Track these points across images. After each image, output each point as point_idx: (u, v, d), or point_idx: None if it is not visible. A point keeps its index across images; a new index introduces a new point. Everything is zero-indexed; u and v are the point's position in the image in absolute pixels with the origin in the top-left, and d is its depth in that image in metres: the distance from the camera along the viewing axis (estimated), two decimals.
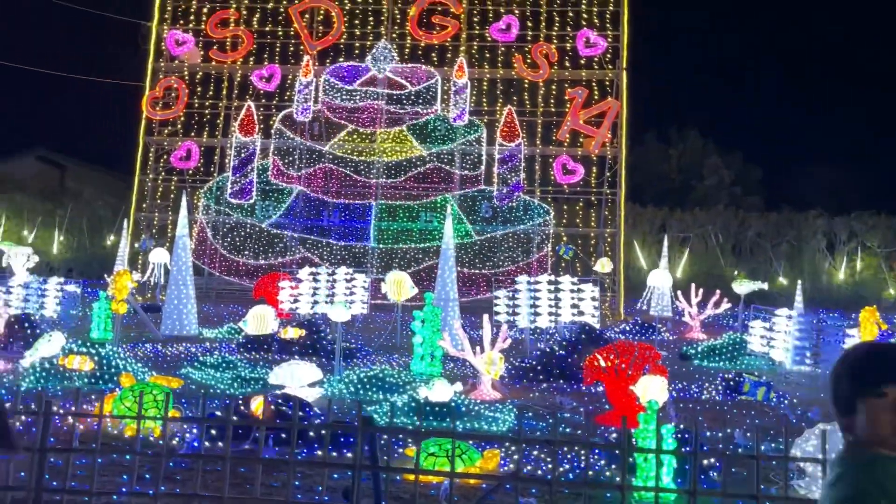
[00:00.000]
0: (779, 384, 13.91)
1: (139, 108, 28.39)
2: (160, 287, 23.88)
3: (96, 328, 16.36)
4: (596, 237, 27.30)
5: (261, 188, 26.93)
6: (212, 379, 12.63)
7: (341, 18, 28.17)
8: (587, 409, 11.60)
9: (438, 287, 16.90)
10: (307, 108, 27.04)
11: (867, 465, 2.29)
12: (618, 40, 27.25)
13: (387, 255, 25.49)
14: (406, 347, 16.35)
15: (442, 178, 26.75)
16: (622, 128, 26.73)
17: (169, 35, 28.38)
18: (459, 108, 26.45)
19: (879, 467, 2.26)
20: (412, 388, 11.91)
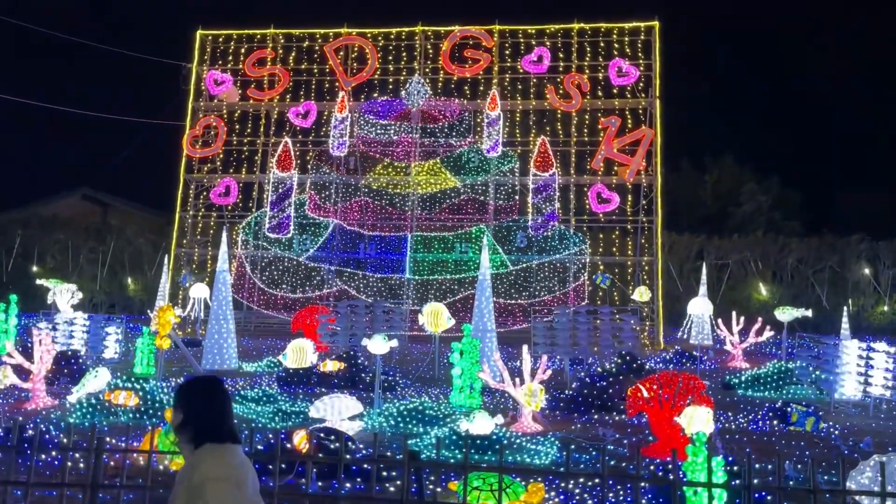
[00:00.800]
0: (828, 414, 13.54)
1: (180, 146, 29.15)
2: (200, 322, 24.23)
3: (139, 363, 16.62)
4: (633, 265, 27.05)
5: (298, 222, 27.31)
6: (253, 413, 12.71)
7: (375, 55, 28.71)
8: (631, 440, 11.40)
9: (476, 318, 16.87)
10: (343, 143, 27.49)
11: None
12: (650, 69, 27.28)
13: (423, 286, 25.56)
14: (445, 379, 16.30)
15: (476, 209, 26.85)
16: (657, 155, 26.61)
17: (208, 75, 29.20)
18: (493, 139, 26.63)
19: None
20: (452, 421, 11.84)
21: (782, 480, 9.10)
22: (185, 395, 3.62)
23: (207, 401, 3.60)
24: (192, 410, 3.54)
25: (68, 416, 11.91)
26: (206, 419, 3.53)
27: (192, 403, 3.57)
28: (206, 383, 3.73)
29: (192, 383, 3.73)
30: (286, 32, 29.64)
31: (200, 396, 3.61)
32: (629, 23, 27.58)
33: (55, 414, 12.27)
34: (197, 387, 3.69)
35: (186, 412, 3.53)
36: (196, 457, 3.43)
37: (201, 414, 3.53)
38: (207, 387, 3.69)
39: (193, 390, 3.66)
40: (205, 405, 3.58)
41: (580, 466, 10.07)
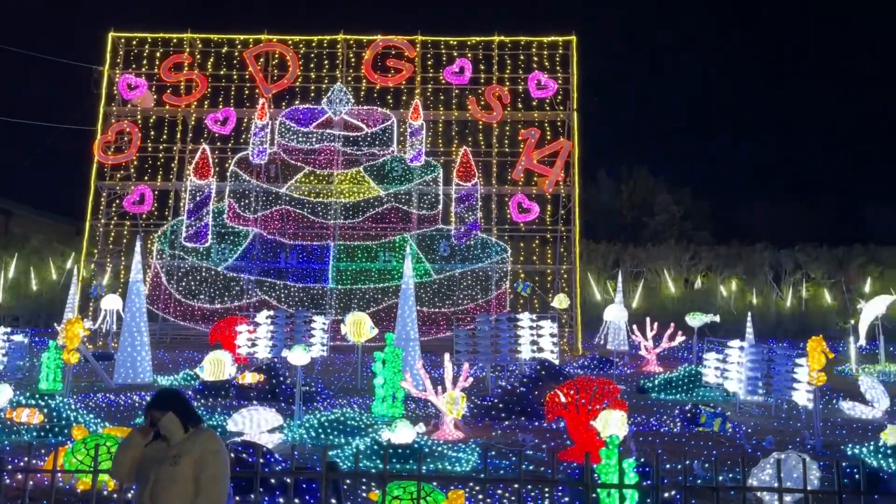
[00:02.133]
0: (734, 415, 14.22)
1: (90, 152, 28.02)
2: (112, 334, 23.31)
3: (45, 379, 15.87)
4: (552, 274, 27.69)
5: (216, 231, 26.68)
6: None
7: (296, 62, 28.42)
8: (549, 445, 11.66)
9: (399, 327, 16.91)
10: (263, 151, 27.06)
11: None
12: (568, 82, 28.07)
13: (346, 295, 25.40)
14: (367, 389, 16.24)
15: (400, 218, 26.92)
16: (575, 167, 27.38)
17: (121, 79, 28.21)
18: (416, 149, 26.80)
19: None
20: (374, 431, 11.82)
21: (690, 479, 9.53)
22: (168, 398, 4.63)
23: (184, 397, 4.74)
24: (178, 405, 4.56)
25: None
26: (191, 408, 4.64)
27: (176, 400, 4.59)
28: (169, 391, 4.77)
29: (168, 390, 4.87)
30: (204, 37, 28.97)
31: (179, 395, 4.70)
32: (548, 37, 28.32)
33: None
34: (173, 390, 4.81)
35: (174, 407, 4.52)
36: (194, 435, 4.45)
37: (187, 405, 4.62)
38: (173, 392, 4.76)
39: (173, 393, 4.73)
40: (185, 399, 4.68)
41: (500, 472, 10.24)
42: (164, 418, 4.46)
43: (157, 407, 4.55)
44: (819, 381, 12.08)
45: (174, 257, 26.47)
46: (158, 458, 4.41)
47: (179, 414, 4.52)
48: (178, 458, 4.34)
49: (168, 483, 4.31)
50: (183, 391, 4.97)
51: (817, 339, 12.30)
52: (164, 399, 4.64)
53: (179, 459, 4.34)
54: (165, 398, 4.65)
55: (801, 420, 13.82)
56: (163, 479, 4.32)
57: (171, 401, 4.60)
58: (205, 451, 4.40)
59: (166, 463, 4.36)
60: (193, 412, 4.65)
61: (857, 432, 13.20)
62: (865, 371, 20.12)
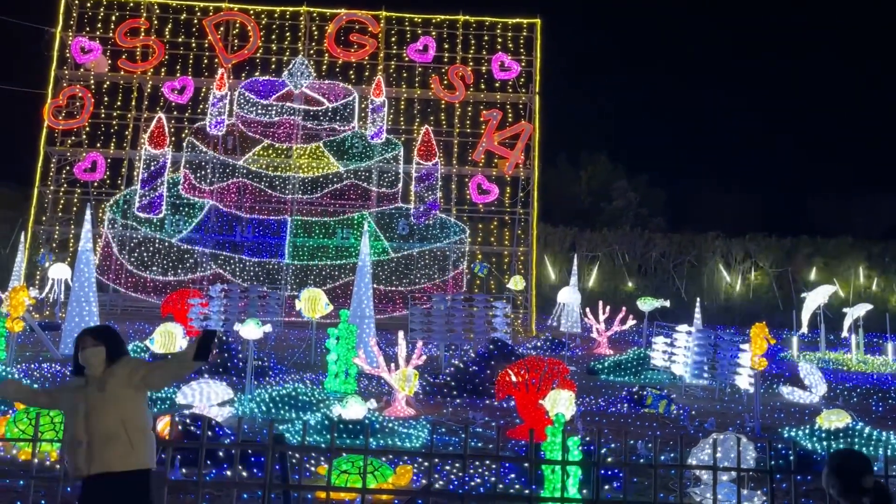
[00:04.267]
0: (679, 397, 14.62)
1: (40, 116, 27.14)
2: (60, 304, 22.79)
3: None
4: (509, 255, 27.92)
5: (171, 202, 26.19)
6: None
7: (258, 32, 27.89)
8: (499, 423, 11.85)
9: (354, 304, 16.91)
10: (221, 122, 26.57)
11: None
12: (531, 65, 28.14)
13: (302, 271, 25.23)
14: (321, 365, 16.23)
15: (359, 195, 26.78)
16: (535, 150, 27.56)
17: (74, 42, 27.33)
18: (377, 126, 26.62)
19: None
20: (326, 406, 11.85)
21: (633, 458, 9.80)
22: (105, 332, 4.81)
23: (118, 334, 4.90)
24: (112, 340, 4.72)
25: None
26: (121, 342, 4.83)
27: (111, 336, 4.74)
28: (113, 328, 5.00)
29: (101, 326, 5.17)
30: (162, 2, 28.20)
31: (115, 331, 4.86)
32: (513, 19, 28.30)
33: None
34: (110, 328, 4.98)
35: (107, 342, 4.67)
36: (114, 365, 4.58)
37: (119, 340, 4.81)
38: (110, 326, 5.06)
39: (111, 330, 4.89)
40: (118, 335, 4.87)
41: (450, 448, 10.38)
42: (89, 350, 4.54)
43: (93, 335, 4.64)
44: (760, 366, 12.49)
45: (126, 227, 25.93)
46: (81, 389, 4.51)
47: (110, 350, 4.61)
48: (103, 383, 4.45)
49: (99, 408, 4.41)
50: (117, 328, 5.00)
51: (760, 325, 12.70)
52: (101, 331, 4.76)
53: (105, 385, 4.45)
54: (103, 331, 4.78)
55: (743, 403, 14.29)
56: (95, 406, 4.41)
57: (108, 336, 4.70)
58: (130, 367, 4.55)
59: (93, 391, 4.46)
60: (122, 347, 4.75)
61: (794, 416, 13.70)
62: (805, 358, 20.84)
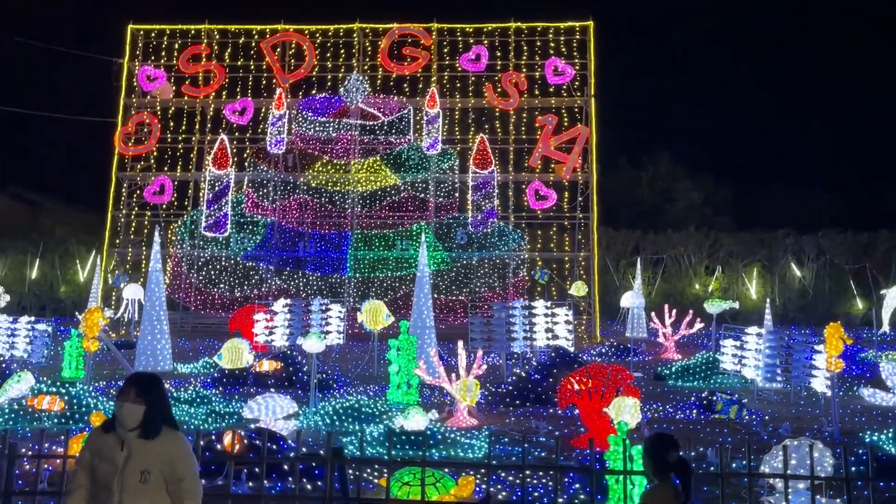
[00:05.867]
0: (751, 402, 14.10)
1: (112, 144, 28.35)
2: (134, 323, 23.65)
3: (68, 367, 16.16)
4: (570, 261, 27.56)
5: (235, 221, 26.91)
6: (186, 415, 12.50)
7: (313, 51, 28.47)
8: (562, 432, 11.66)
9: (414, 315, 16.95)
10: (281, 141, 27.19)
11: None
12: (585, 68, 27.83)
13: (363, 284, 25.51)
14: (383, 377, 16.33)
15: (417, 207, 26.94)
16: (592, 153, 27.19)
17: (140, 71, 28.47)
18: (432, 137, 26.76)
19: None
20: (388, 418, 11.90)
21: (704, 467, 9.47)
22: (151, 385, 4.12)
23: (164, 392, 4.21)
24: (156, 397, 4.09)
25: None
26: (167, 405, 4.19)
27: (155, 391, 4.10)
28: (160, 379, 4.26)
29: (149, 377, 4.24)
30: (221, 28, 29.14)
31: (162, 391, 4.16)
32: (565, 22, 28.06)
33: None
34: (154, 380, 4.22)
35: (152, 398, 4.06)
36: (164, 439, 4.05)
37: (165, 401, 4.17)
38: (158, 379, 4.23)
39: (155, 381, 4.18)
40: (164, 396, 4.18)
41: (512, 459, 10.26)
42: (128, 406, 4.00)
43: (137, 388, 4.04)
44: (836, 368, 11.93)
45: (194, 247, 26.76)
46: (113, 459, 3.99)
47: (151, 410, 4.03)
48: (147, 474, 3.96)
49: (138, 498, 3.96)
50: (162, 382, 4.28)
51: (835, 325, 12.14)
52: (147, 387, 4.09)
53: (149, 476, 3.97)
54: (149, 386, 4.09)
55: (820, 407, 13.67)
56: (131, 491, 3.96)
57: (153, 393, 4.07)
58: (173, 458, 4.03)
59: (132, 475, 3.96)
60: (166, 409, 4.15)
61: (876, 419, 13.03)
62: (888, 358, 19.81)
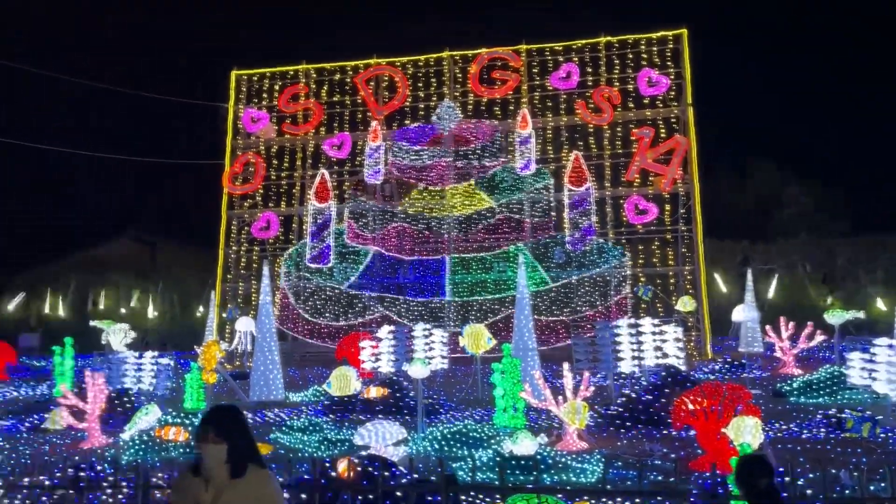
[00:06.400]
0: (885, 419, 13.11)
1: (221, 184, 29.92)
2: (247, 354, 24.66)
3: (189, 398, 17.00)
4: (675, 275, 26.67)
5: (338, 251, 27.69)
6: (299, 442, 12.87)
7: (405, 83, 29.16)
8: (678, 455, 11.20)
9: (516, 337, 16.84)
10: (377, 171, 27.88)
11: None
12: (680, 77, 27.12)
13: (463, 308, 25.60)
14: (488, 400, 16.26)
15: (513, 228, 26.89)
16: (692, 163, 26.35)
17: (245, 114, 30.00)
18: (525, 157, 26.73)
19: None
20: (496, 442, 11.81)
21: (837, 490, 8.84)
22: (226, 426, 3.84)
23: (244, 426, 3.92)
24: (238, 434, 3.83)
25: (122, 453, 12.23)
26: (251, 441, 3.89)
27: (234, 431, 3.84)
28: (238, 411, 3.98)
29: (226, 412, 3.97)
30: (318, 67, 30.34)
31: (242, 424, 3.90)
32: (656, 32, 27.50)
33: (109, 452, 12.61)
34: (235, 415, 3.95)
35: (231, 441, 3.80)
36: (250, 478, 3.81)
37: (247, 438, 3.87)
38: (241, 414, 3.96)
39: (231, 418, 3.90)
40: (244, 431, 3.89)
41: (627, 483, 9.94)
42: (210, 447, 3.79)
43: (216, 427, 3.83)
44: None
45: (300, 278, 27.69)
46: (199, 501, 3.83)
47: (233, 448, 3.80)
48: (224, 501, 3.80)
49: None
50: (242, 414, 4.04)
51: None
52: (225, 423, 3.86)
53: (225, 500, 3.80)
54: (227, 422, 3.86)
55: None
56: None
57: (233, 429, 3.84)
58: (261, 498, 3.83)
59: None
60: (250, 445, 3.90)
61: None
62: None
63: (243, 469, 3.80)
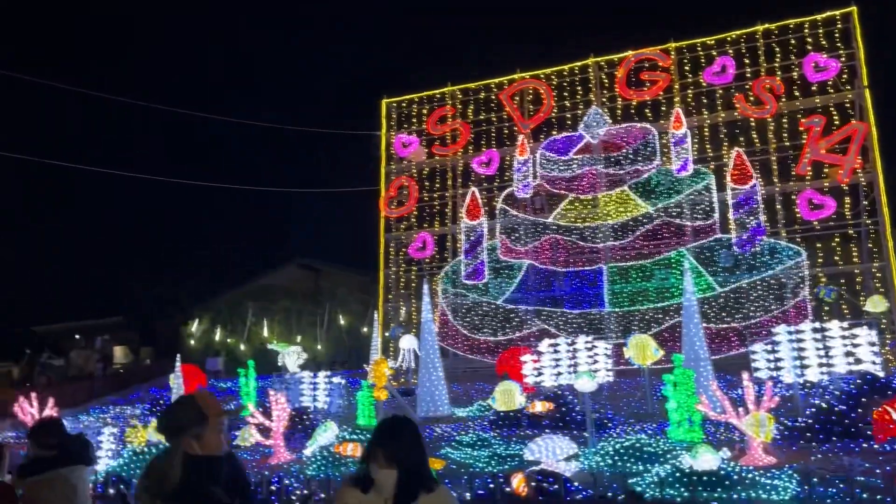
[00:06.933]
0: None
1: (377, 209, 31.16)
2: (412, 371, 25.30)
3: (361, 415, 17.65)
4: (861, 274, 24.30)
5: (492, 267, 27.85)
6: (469, 458, 12.95)
7: (550, 94, 28.98)
8: (884, 470, 10.10)
9: (686, 346, 16.04)
10: (527, 185, 27.82)
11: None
12: (853, 58, 24.89)
13: (624, 318, 24.78)
14: (659, 413, 15.58)
15: (673, 233, 25.72)
16: (874, 150, 24.01)
17: (396, 140, 31.11)
18: (682, 158, 25.58)
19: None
20: (673, 457, 11.25)
21: None
22: (396, 447, 3.34)
23: (416, 444, 3.40)
24: (407, 461, 3.34)
25: (306, 468, 12.88)
26: (423, 466, 3.38)
27: (405, 453, 3.35)
28: (410, 425, 3.47)
29: (396, 429, 3.45)
30: (463, 87, 30.88)
31: (415, 442, 3.39)
32: (821, 14, 25.46)
33: (294, 467, 13.34)
34: (401, 432, 3.41)
35: (402, 465, 3.32)
36: (423, 501, 3.33)
37: (420, 461, 3.37)
38: (414, 429, 3.44)
39: (402, 436, 3.39)
40: (416, 451, 3.38)
41: (827, 501, 9.08)
42: (383, 472, 3.34)
43: (385, 449, 3.35)
44: None
45: (457, 295, 28.10)
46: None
47: (405, 472, 3.34)
48: None
49: None
50: (415, 427, 3.54)
51: None
52: (394, 440, 3.37)
53: None
54: (395, 439, 3.38)
55: None
56: None
57: (402, 446, 3.35)
58: None
59: None
60: (425, 469, 3.42)
61: None
62: None
63: (413, 496, 3.30)
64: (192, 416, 3.42)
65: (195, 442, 3.43)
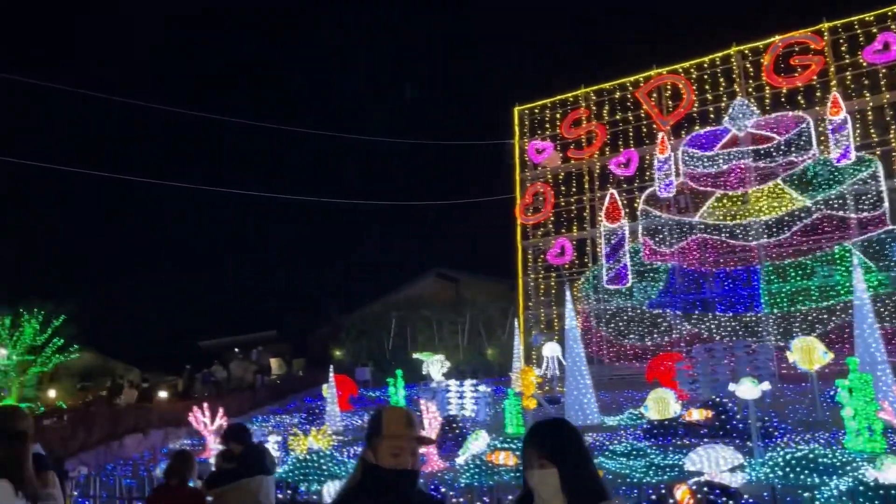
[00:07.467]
0: None
1: (513, 217, 31.14)
2: (556, 379, 24.98)
3: (509, 424, 17.62)
4: None
5: (635, 270, 27.01)
6: (625, 468, 12.56)
7: (690, 88, 27.80)
8: None
9: (860, 349, 14.76)
10: (669, 184, 26.79)
11: None
12: None
13: (784, 320, 23.21)
14: (831, 422, 14.43)
15: (835, 227, 23.80)
16: None
17: (530, 146, 31.00)
18: (842, 146, 23.64)
19: None
20: (853, 469, 10.35)
21: None
22: (557, 445, 2.81)
23: (583, 447, 2.86)
24: (570, 462, 2.78)
25: (459, 476, 13.01)
26: (591, 472, 2.85)
27: (565, 453, 2.79)
28: (567, 425, 2.95)
29: (556, 427, 2.93)
30: (596, 88, 30.30)
31: (576, 443, 2.85)
32: None
33: (448, 475, 13.51)
34: (565, 431, 2.89)
35: (563, 466, 2.77)
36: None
37: (584, 464, 2.83)
38: (572, 430, 2.92)
39: (563, 436, 2.86)
40: (579, 450, 2.83)
41: None
42: (538, 473, 2.79)
43: (541, 450, 2.80)
44: None
45: (599, 301, 27.49)
46: None
47: (570, 475, 2.75)
48: None
49: None
50: (574, 429, 2.94)
51: None
52: (555, 443, 2.82)
53: None
54: (556, 442, 2.82)
55: None
56: None
57: (564, 451, 2.79)
58: None
59: None
60: (595, 478, 2.83)
61: None
62: None
63: (580, 487, 2.74)
64: None
65: None
